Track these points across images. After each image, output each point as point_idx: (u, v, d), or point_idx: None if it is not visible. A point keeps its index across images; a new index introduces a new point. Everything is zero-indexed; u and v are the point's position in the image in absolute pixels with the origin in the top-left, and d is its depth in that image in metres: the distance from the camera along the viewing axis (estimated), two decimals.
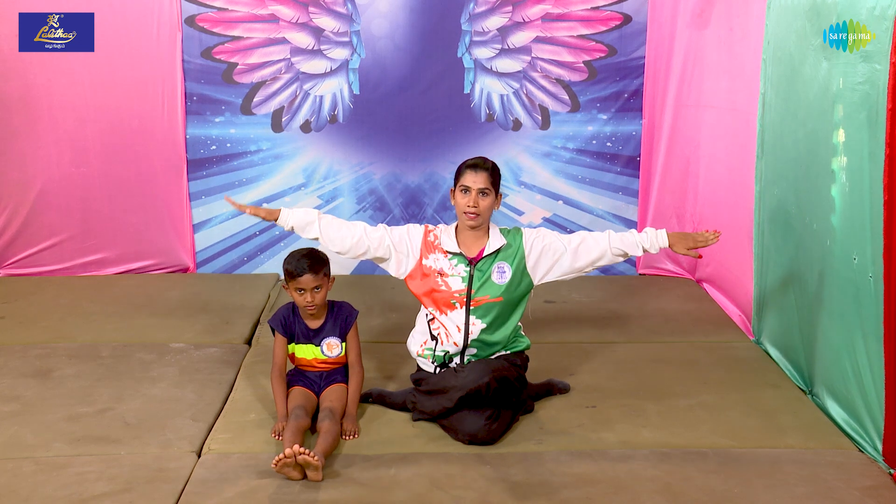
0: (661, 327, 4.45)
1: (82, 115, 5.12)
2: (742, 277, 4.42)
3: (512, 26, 5.18)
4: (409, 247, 3.41)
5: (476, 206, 3.30)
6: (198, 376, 3.77)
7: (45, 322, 4.45)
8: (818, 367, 3.51)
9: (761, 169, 4.08)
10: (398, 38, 5.19)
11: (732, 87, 4.55)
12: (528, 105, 5.29)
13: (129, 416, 3.39)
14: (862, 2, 3.01)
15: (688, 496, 2.83)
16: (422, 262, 3.40)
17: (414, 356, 3.49)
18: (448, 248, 3.38)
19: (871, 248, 2.99)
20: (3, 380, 3.72)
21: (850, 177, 3.14)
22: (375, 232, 3.42)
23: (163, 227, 5.32)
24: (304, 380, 3.40)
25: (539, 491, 2.85)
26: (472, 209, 3.30)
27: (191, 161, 5.25)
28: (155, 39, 5.07)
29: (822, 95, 3.35)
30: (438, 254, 3.39)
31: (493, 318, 3.35)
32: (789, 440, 3.23)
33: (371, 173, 5.35)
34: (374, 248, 3.40)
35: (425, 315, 3.43)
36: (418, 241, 3.42)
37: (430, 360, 3.41)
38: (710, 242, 3.42)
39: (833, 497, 2.82)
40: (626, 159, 5.34)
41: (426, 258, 3.39)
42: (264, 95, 5.22)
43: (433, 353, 3.40)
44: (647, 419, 3.38)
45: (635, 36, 5.19)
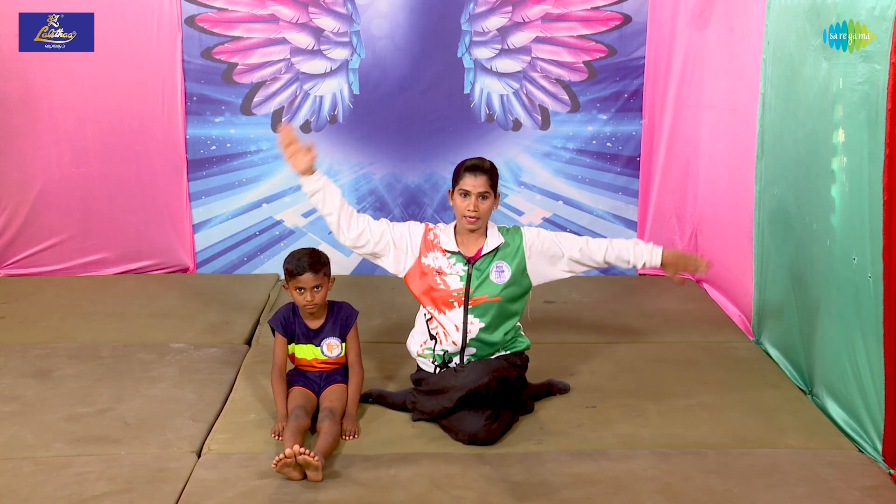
0: (661, 327, 4.45)
1: (82, 115, 5.11)
2: (742, 278, 4.42)
3: (512, 26, 5.18)
4: (409, 244, 3.41)
5: (476, 209, 3.31)
6: (198, 376, 3.77)
7: (45, 322, 4.45)
8: (818, 367, 3.51)
9: (761, 169, 4.08)
10: (398, 39, 5.19)
11: (732, 88, 4.55)
12: (528, 105, 5.29)
13: (129, 416, 3.39)
14: (862, 2, 3.02)
15: (688, 496, 2.83)
16: (420, 260, 3.40)
17: (414, 356, 3.49)
18: (447, 246, 3.38)
19: (870, 248, 2.99)
20: (3, 380, 3.72)
21: (849, 177, 3.14)
22: (378, 227, 3.41)
23: (163, 228, 5.32)
24: (304, 380, 3.40)
25: (539, 491, 2.85)
26: (473, 213, 3.31)
27: (191, 161, 5.25)
28: (155, 39, 5.06)
29: (821, 95, 3.35)
30: (437, 252, 3.39)
31: (491, 318, 3.35)
32: (789, 440, 3.23)
33: (371, 173, 5.35)
34: (373, 243, 3.39)
35: (424, 314, 3.43)
36: (418, 238, 3.42)
37: (431, 360, 3.41)
38: (699, 272, 3.61)
39: (833, 497, 2.82)
40: (626, 159, 5.34)
41: (425, 256, 3.39)
42: (264, 95, 5.22)
43: (433, 352, 3.40)
44: (647, 419, 3.38)
45: (635, 36, 5.19)
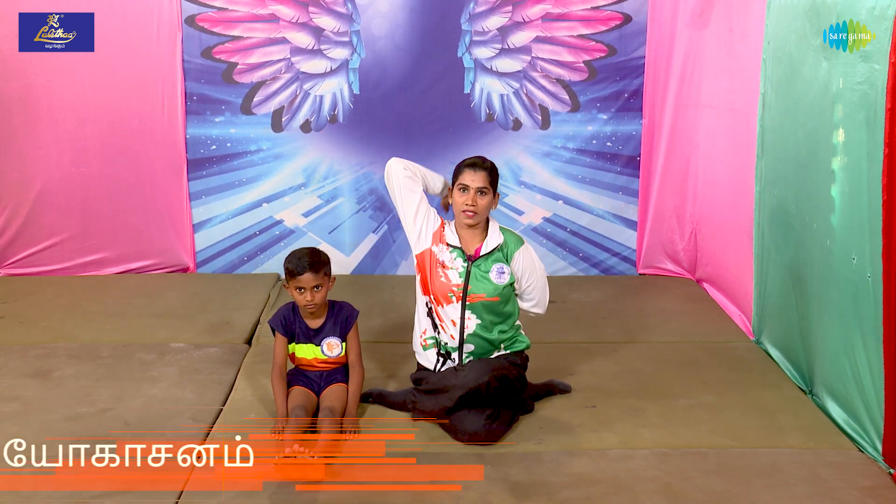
0: (661, 327, 4.45)
1: (82, 114, 5.11)
2: (742, 277, 4.42)
3: (512, 26, 5.18)
4: (427, 226, 3.46)
5: (474, 203, 3.33)
6: (198, 376, 3.77)
7: (45, 322, 4.45)
8: (818, 367, 3.51)
9: (761, 169, 4.08)
10: (398, 38, 5.19)
11: (732, 87, 4.55)
12: (528, 105, 5.28)
13: (130, 416, 3.39)
14: (862, 2, 3.02)
15: (687, 496, 2.83)
16: (431, 248, 3.44)
17: (417, 350, 3.49)
18: (450, 241, 3.42)
19: (869, 248, 3.00)
20: (3, 379, 3.72)
21: (849, 177, 3.14)
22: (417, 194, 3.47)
23: (163, 227, 5.32)
24: (305, 379, 3.40)
25: (539, 491, 2.85)
26: (471, 207, 3.34)
27: (191, 161, 5.25)
28: (155, 39, 5.06)
29: (821, 95, 3.35)
30: (443, 245, 3.42)
31: (488, 317, 3.37)
32: (789, 440, 3.23)
33: (371, 173, 5.34)
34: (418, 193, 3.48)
35: (425, 303, 3.45)
36: (433, 227, 3.46)
37: (435, 349, 3.41)
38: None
39: (833, 497, 2.82)
40: (627, 159, 5.34)
41: (436, 245, 3.44)
42: (264, 95, 5.22)
43: (436, 340, 3.41)
44: (647, 419, 3.38)
45: (635, 36, 5.19)
